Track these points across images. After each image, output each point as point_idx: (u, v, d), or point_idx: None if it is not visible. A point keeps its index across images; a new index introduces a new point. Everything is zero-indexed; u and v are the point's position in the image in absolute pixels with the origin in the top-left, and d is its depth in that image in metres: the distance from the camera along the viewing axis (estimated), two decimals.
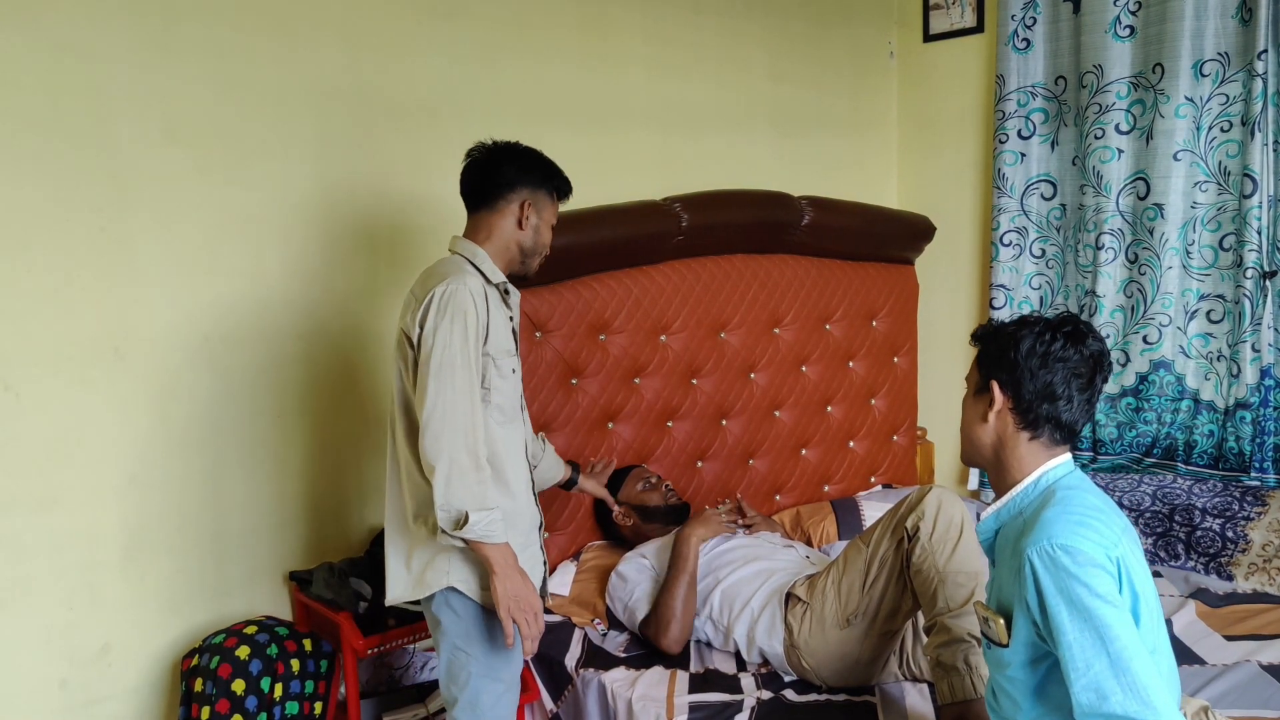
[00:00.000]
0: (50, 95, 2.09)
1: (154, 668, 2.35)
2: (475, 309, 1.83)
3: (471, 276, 1.87)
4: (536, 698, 2.47)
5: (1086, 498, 1.50)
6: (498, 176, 1.98)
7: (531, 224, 2.00)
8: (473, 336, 1.83)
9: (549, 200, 2.03)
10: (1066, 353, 1.54)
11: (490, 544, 1.80)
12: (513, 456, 1.96)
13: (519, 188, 1.98)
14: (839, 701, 2.22)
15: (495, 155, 2.00)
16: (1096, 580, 1.38)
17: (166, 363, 2.29)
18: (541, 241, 2.04)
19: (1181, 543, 2.91)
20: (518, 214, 1.98)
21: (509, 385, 1.95)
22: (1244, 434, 3.02)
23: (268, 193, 2.40)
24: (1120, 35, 3.12)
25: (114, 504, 2.25)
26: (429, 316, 1.83)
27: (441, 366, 1.80)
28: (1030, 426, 1.56)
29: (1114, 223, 3.19)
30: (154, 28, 2.20)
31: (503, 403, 1.93)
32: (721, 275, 3.09)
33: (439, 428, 1.78)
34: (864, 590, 2.25)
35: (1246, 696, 2.12)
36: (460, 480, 1.77)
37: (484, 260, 1.96)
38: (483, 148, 2.02)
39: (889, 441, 3.55)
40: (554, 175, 2.03)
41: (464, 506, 1.77)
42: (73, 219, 2.14)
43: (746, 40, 3.32)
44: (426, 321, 1.83)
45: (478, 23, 2.70)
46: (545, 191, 2.02)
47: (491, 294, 1.92)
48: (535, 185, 2.00)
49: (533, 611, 1.85)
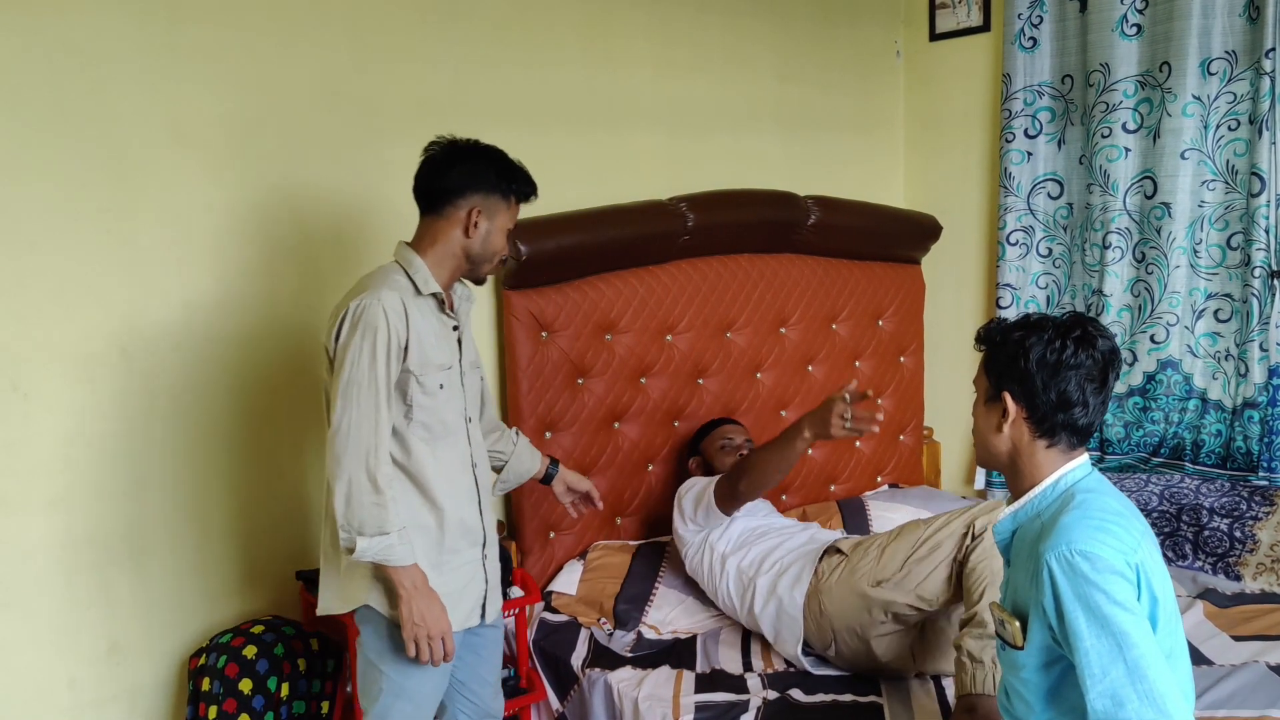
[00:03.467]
0: (55, 96, 2.09)
1: (161, 667, 2.36)
2: (388, 325, 1.77)
3: (390, 291, 1.80)
4: (543, 697, 2.48)
5: (1106, 501, 1.49)
6: (445, 182, 1.89)
7: (480, 231, 1.90)
8: (383, 354, 1.77)
9: (503, 205, 1.93)
10: (1079, 359, 1.50)
11: (393, 566, 1.78)
12: (444, 473, 1.90)
13: (468, 194, 1.89)
14: (845, 702, 2.22)
15: (447, 158, 1.91)
16: (1115, 587, 1.37)
17: (173, 363, 2.30)
18: (492, 248, 1.94)
19: (1189, 542, 2.90)
20: (464, 221, 1.89)
21: (439, 401, 1.88)
22: (1252, 433, 3.01)
23: (267, 194, 2.40)
24: (1127, 34, 3.11)
25: (121, 504, 2.25)
26: (342, 332, 1.80)
27: (348, 385, 1.76)
28: (1047, 435, 1.54)
29: (1121, 222, 3.18)
30: (159, 28, 2.21)
31: (429, 420, 1.87)
32: (728, 275, 3.09)
33: (340, 448, 1.76)
34: (906, 562, 2.26)
35: (1255, 697, 2.12)
36: (357, 502, 1.75)
37: (419, 270, 1.88)
38: (436, 147, 1.92)
39: (895, 441, 3.54)
40: (511, 178, 1.92)
41: (361, 529, 1.75)
42: (79, 220, 2.15)
43: (752, 40, 3.32)
44: (340, 337, 1.80)
45: (483, 23, 2.70)
46: (499, 196, 1.91)
47: (423, 306, 1.87)
48: (488, 190, 1.90)
49: (436, 635, 1.81)
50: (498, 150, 1.93)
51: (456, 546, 1.92)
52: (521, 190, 1.94)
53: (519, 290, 2.70)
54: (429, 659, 1.82)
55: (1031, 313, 1.62)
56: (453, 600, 1.88)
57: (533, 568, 2.78)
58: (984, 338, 1.62)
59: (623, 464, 2.96)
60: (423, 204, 1.92)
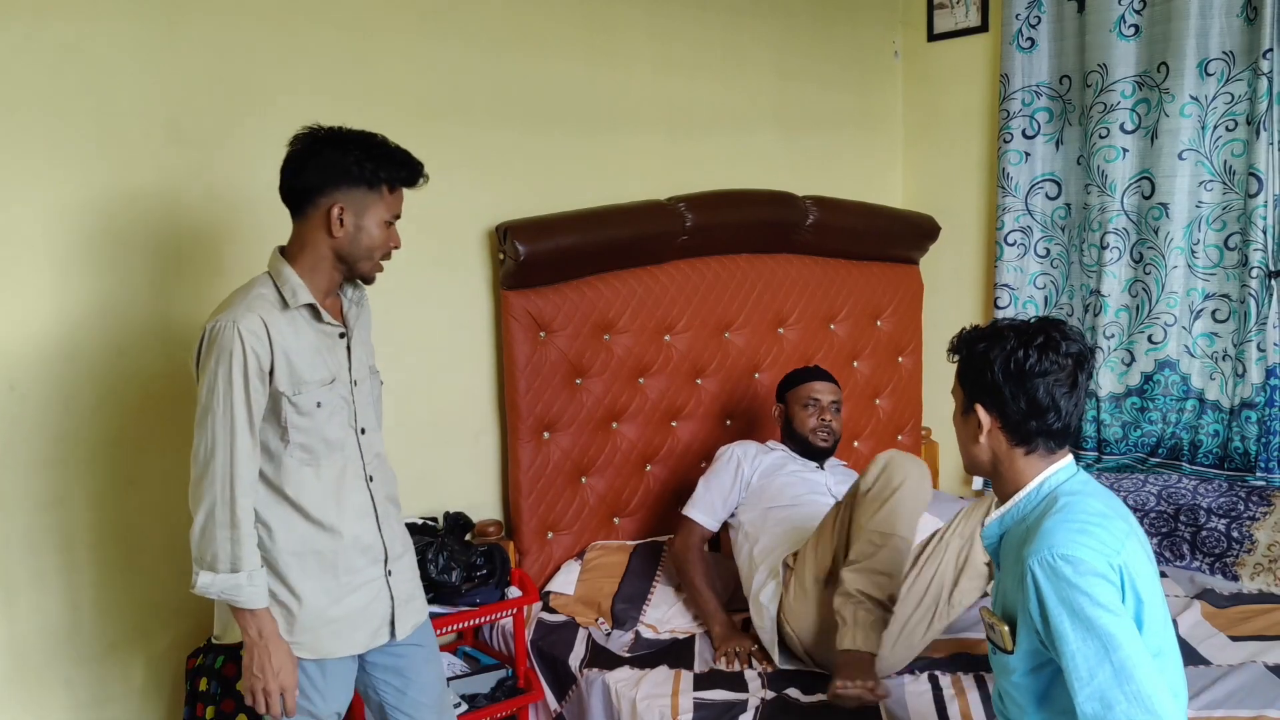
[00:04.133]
0: (54, 94, 2.09)
1: (159, 667, 2.35)
2: (243, 349, 1.65)
3: (248, 311, 1.68)
4: (540, 698, 2.47)
5: (1089, 503, 1.49)
6: (301, 180, 1.74)
7: (348, 228, 1.74)
8: (239, 380, 1.66)
9: (374, 195, 1.74)
10: (1044, 365, 1.49)
11: (240, 607, 1.69)
12: (330, 493, 1.78)
13: (327, 190, 1.72)
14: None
15: (302, 153, 1.74)
16: (1098, 589, 1.38)
17: (173, 364, 2.29)
18: (366, 245, 1.76)
19: (1187, 543, 2.90)
20: (326, 221, 1.73)
21: (317, 420, 1.75)
22: (1249, 434, 3.02)
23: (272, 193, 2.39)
24: (1125, 34, 3.12)
25: (118, 503, 2.25)
26: (200, 355, 1.70)
27: (204, 413, 1.67)
28: (1023, 442, 1.54)
29: (1119, 222, 3.19)
30: (159, 27, 2.20)
31: (307, 441, 1.75)
32: (726, 275, 3.09)
33: (196, 478, 1.68)
34: (832, 550, 2.30)
35: (1252, 697, 2.12)
36: (210, 535, 1.66)
37: (287, 280, 1.74)
38: (296, 142, 1.76)
39: (894, 441, 3.54)
40: (376, 163, 1.73)
41: (212, 563, 1.66)
42: (78, 220, 2.15)
43: (751, 40, 3.32)
44: (199, 361, 1.70)
45: (482, 22, 2.70)
46: (364, 187, 1.73)
47: (295, 319, 1.74)
48: (349, 182, 1.72)
49: (275, 690, 1.71)
50: (361, 135, 1.75)
51: (353, 566, 1.81)
52: (394, 176, 1.75)
53: (517, 290, 2.70)
54: (265, 713, 1.72)
55: (1000, 320, 1.61)
56: (354, 622, 1.81)
57: (530, 568, 2.78)
58: (954, 348, 1.61)
59: (621, 464, 2.96)
60: (289, 207, 1.78)
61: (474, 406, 2.81)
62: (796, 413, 2.78)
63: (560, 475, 2.84)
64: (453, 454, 2.78)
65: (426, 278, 2.64)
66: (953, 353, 1.62)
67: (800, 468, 2.74)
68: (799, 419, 2.77)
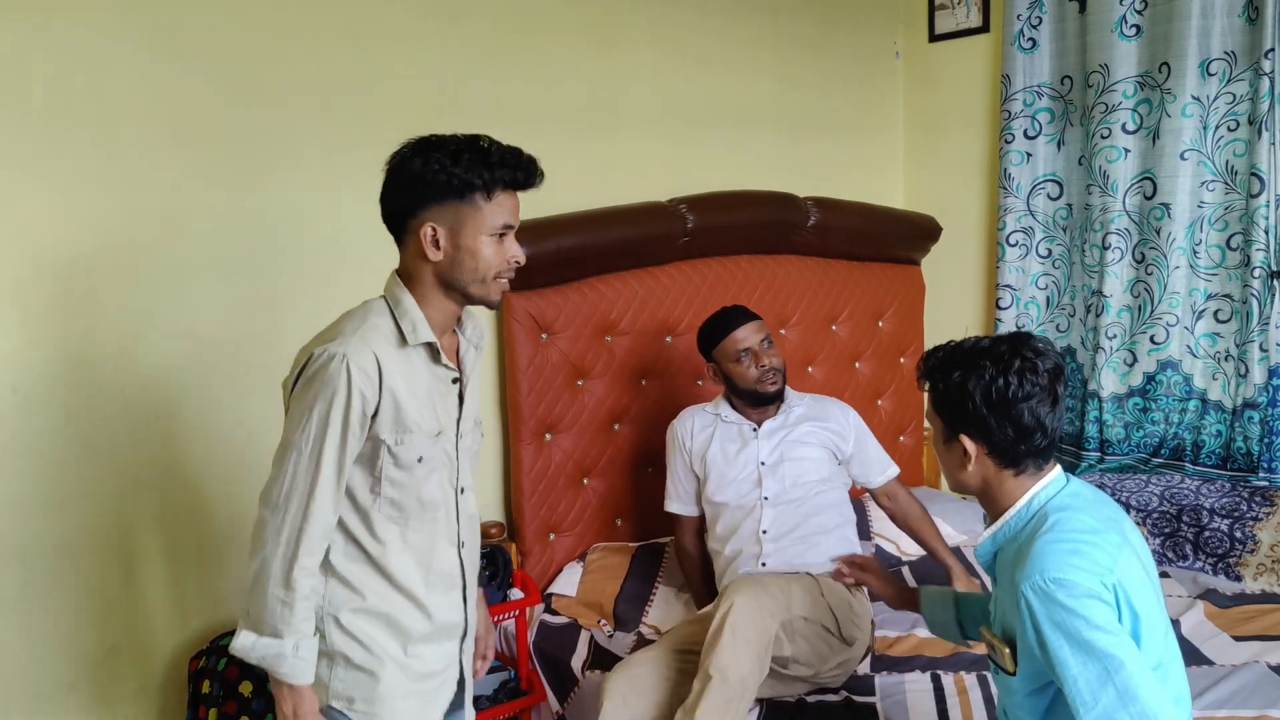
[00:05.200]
0: (55, 97, 2.10)
1: (161, 670, 2.35)
2: (349, 388, 1.46)
3: (362, 343, 1.48)
4: (543, 699, 2.47)
5: (1078, 519, 1.46)
6: (390, 205, 1.56)
7: (446, 249, 1.52)
8: (338, 422, 1.46)
9: (468, 206, 1.51)
10: (1025, 388, 1.47)
11: (279, 678, 1.50)
12: (418, 559, 1.60)
13: (418, 210, 1.52)
14: (843, 701, 2.21)
15: (389, 176, 1.56)
16: (1093, 611, 1.36)
17: (173, 366, 2.30)
18: (474, 265, 1.54)
19: (1189, 543, 2.90)
20: (421, 245, 1.53)
21: (415, 476, 1.56)
22: (1252, 434, 3.01)
23: (272, 195, 2.40)
24: (1126, 34, 3.11)
25: (121, 505, 2.25)
26: (297, 384, 1.50)
27: (288, 448, 1.49)
28: (1012, 464, 1.52)
29: (1121, 222, 3.18)
30: (160, 30, 2.21)
31: (400, 498, 1.55)
32: (727, 276, 3.09)
33: (261, 519, 1.49)
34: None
35: (1255, 697, 2.12)
36: (261, 590, 1.48)
37: (408, 312, 1.54)
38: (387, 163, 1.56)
39: (895, 442, 3.54)
40: (473, 169, 1.49)
41: (256, 623, 1.48)
42: (80, 224, 2.15)
43: (752, 41, 3.32)
44: (295, 387, 1.51)
45: (483, 25, 2.70)
46: (454, 201, 1.50)
47: (412, 358, 1.55)
48: (437, 197, 1.50)
49: None
50: (452, 139, 1.52)
51: (430, 638, 1.63)
52: (490, 180, 1.50)
53: (518, 292, 2.70)
54: None
55: (965, 342, 1.55)
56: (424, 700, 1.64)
57: (532, 569, 2.78)
58: (924, 375, 1.57)
59: (623, 466, 2.96)
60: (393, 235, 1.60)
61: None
62: (732, 369, 2.51)
63: (562, 477, 2.84)
64: None
65: None
66: (924, 380, 1.57)
67: (732, 445, 2.54)
68: (737, 374, 2.50)
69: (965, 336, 1.57)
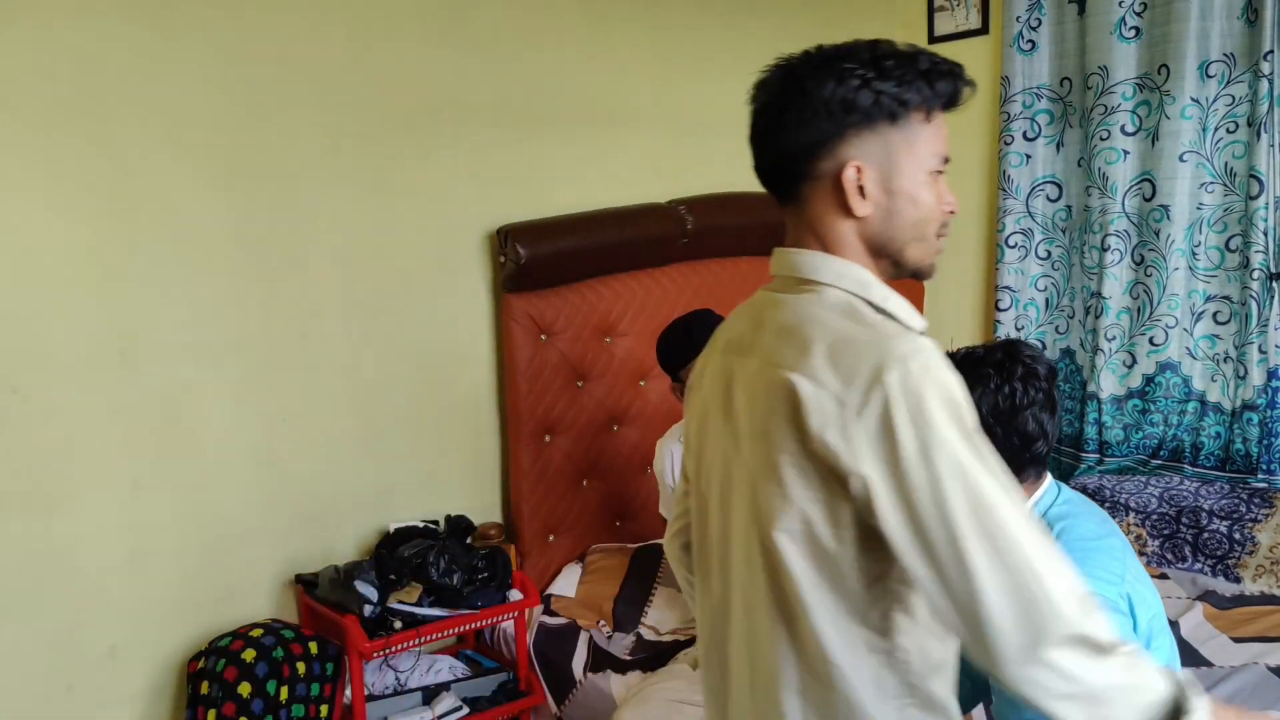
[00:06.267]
0: (54, 98, 2.09)
1: (160, 671, 2.35)
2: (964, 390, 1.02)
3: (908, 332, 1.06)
4: (542, 701, 2.47)
5: (1082, 526, 1.47)
6: (778, 144, 1.15)
7: (873, 196, 1.10)
8: (986, 448, 1.00)
9: (904, 132, 1.10)
10: (1031, 395, 1.47)
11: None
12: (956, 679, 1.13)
13: (826, 145, 1.10)
14: None
15: (769, 107, 1.14)
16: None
17: (172, 367, 2.30)
18: (915, 214, 1.12)
19: (1189, 544, 2.90)
20: (837, 196, 1.12)
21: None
22: (1251, 435, 3.01)
23: (272, 196, 2.40)
24: (1125, 36, 3.11)
25: (120, 507, 2.25)
26: (897, 428, 0.97)
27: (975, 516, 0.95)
28: (1015, 474, 1.52)
29: (1120, 224, 3.18)
30: (156, 30, 2.21)
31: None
32: (726, 277, 3.09)
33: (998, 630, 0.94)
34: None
35: (1254, 698, 2.12)
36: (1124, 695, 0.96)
37: (888, 298, 1.11)
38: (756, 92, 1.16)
39: None
40: (897, 78, 1.09)
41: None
42: (79, 223, 2.15)
43: (751, 42, 3.32)
44: (897, 437, 0.97)
45: (483, 24, 2.70)
46: (886, 122, 1.09)
47: None
48: (859, 122, 1.09)
49: None
50: (862, 47, 1.14)
51: None
52: (931, 92, 1.10)
53: (518, 293, 2.70)
54: None
55: (955, 350, 1.53)
56: None
57: (531, 571, 2.78)
58: None
59: (622, 467, 2.96)
60: (773, 190, 1.24)
61: (475, 409, 2.81)
62: None
63: (561, 478, 2.84)
64: (454, 457, 2.78)
65: (427, 281, 2.64)
66: None
67: None
68: None
69: (950, 348, 1.54)
